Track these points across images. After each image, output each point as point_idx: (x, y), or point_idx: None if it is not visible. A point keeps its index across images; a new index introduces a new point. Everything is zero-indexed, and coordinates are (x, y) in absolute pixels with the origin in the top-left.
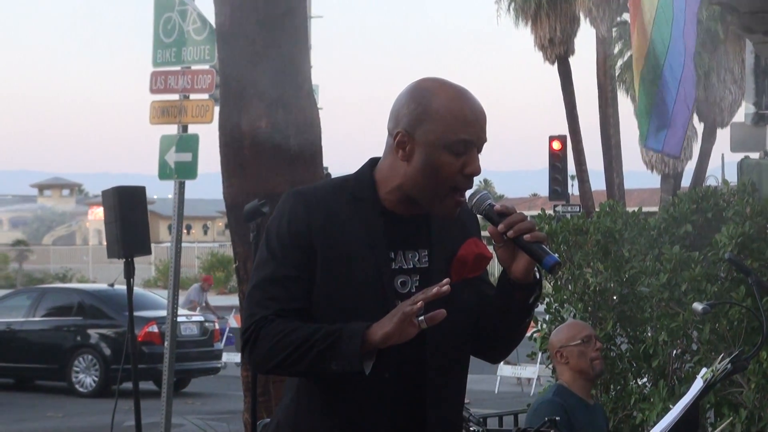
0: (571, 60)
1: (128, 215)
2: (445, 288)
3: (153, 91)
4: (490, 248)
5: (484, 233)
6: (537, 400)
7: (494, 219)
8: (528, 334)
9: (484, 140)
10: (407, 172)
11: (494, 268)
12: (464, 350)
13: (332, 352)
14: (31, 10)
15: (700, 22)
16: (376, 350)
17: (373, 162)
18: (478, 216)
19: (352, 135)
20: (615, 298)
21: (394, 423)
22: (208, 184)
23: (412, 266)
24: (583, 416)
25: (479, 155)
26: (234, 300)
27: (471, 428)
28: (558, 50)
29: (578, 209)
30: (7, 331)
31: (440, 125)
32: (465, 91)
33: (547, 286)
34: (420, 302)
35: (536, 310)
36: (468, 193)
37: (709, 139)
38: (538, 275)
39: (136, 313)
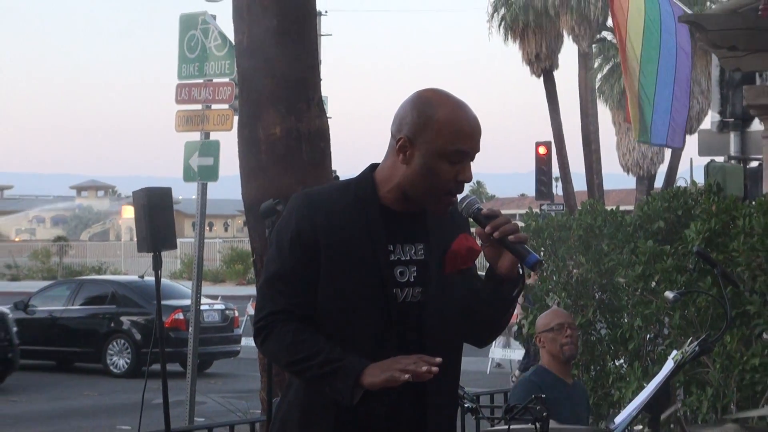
0: (556, 74)
1: (156, 214)
2: (435, 369)
3: (178, 101)
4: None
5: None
6: (518, 380)
7: (482, 221)
8: (515, 320)
9: (478, 150)
10: (406, 174)
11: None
12: (458, 335)
13: (326, 380)
14: (70, 29)
15: None
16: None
17: (373, 167)
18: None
19: (357, 142)
20: (595, 287)
21: (395, 403)
22: (228, 185)
23: (409, 258)
24: (559, 394)
25: (472, 163)
26: (252, 290)
27: (465, 405)
28: (543, 65)
29: (562, 208)
30: (49, 318)
31: (440, 136)
32: (464, 105)
33: (534, 277)
34: (408, 375)
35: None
36: (459, 197)
37: None
38: (521, 270)
39: (163, 302)
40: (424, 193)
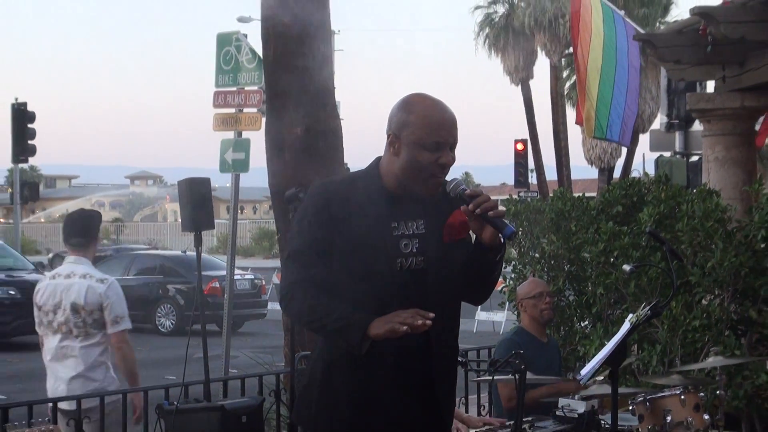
0: (531, 82)
1: (197, 199)
2: (429, 322)
3: (215, 106)
4: None
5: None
6: (501, 338)
7: (466, 200)
8: (498, 288)
9: (455, 139)
10: (398, 164)
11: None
12: (456, 295)
13: (340, 334)
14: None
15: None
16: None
17: (378, 159)
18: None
19: (365, 140)
20: (564, 261)
21: (403, 353)
22: (257, 175)
23: (411, 232)
24: (535, 350)
25: (455, 150)
26: (276, 263)
27: None
28: (521, 75)
29: (537, 195)
30: None
31: (419, 130)
32: (439, 103)
33: (514, 252)
34: (406, 327)
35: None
36: (447, 179)
37: (633, 141)
38: (502, 240)
39: (203, 273)
40: (413, 179)
